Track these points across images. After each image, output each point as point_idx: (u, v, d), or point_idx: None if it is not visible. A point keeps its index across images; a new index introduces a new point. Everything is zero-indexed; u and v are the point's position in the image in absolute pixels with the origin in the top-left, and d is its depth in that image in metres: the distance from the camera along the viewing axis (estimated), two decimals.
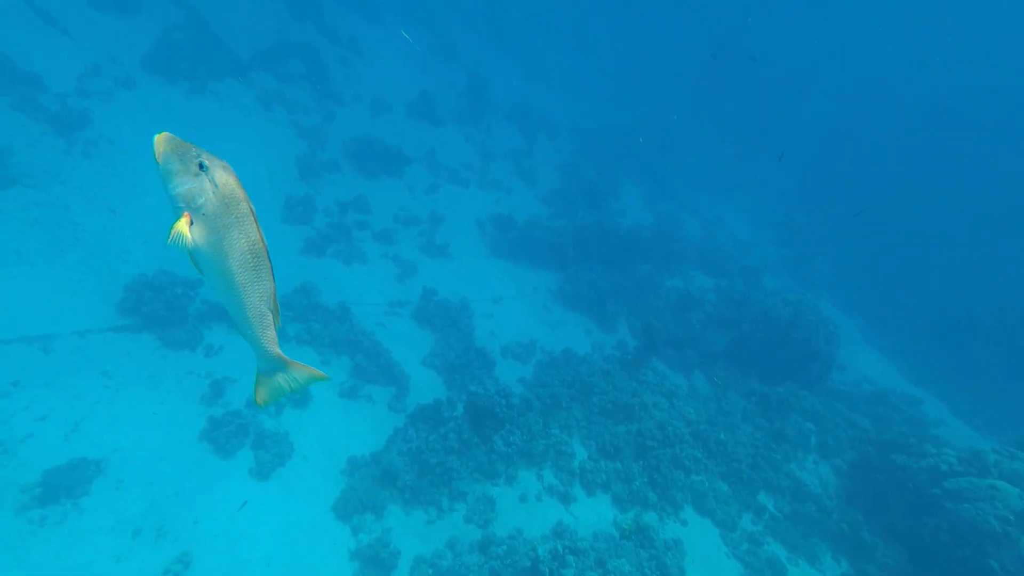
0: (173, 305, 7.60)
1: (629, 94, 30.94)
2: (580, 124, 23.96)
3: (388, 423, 8.05)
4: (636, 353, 10.28)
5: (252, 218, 2.09)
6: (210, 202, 2.00)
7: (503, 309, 12.43)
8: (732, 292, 13.15)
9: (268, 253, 2.13)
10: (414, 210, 13.84)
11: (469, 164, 17.50)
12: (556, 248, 14.52)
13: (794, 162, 32.32)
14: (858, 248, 22.96)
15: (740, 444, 7.81)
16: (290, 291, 9.56)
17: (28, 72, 9.00)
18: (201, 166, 1.98)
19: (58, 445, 5.57)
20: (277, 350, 2.38)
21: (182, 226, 1.99)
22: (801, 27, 47.52)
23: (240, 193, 2.06)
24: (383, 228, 12.48)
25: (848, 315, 18.13)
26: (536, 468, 7.31)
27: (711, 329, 12.09)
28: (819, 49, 45.34)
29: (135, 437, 6.03)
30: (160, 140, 1.94)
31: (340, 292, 10.33)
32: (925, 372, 15.07)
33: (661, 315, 12.61)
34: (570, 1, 38.58)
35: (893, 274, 20.94)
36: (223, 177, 2.02)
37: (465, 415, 7.42)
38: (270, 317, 2.26)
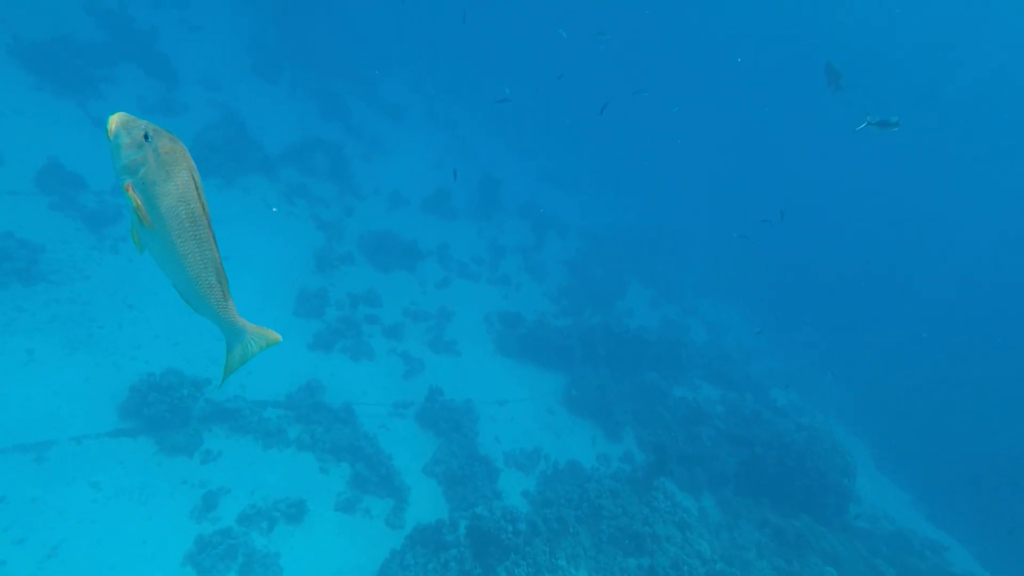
0: (177, 407, 7.46)
1: (636, 196, 32.47)
2: (588, 223, 24.92)
3: (384, 543, 7.58)
4: (646, 472, 9.89)
5: (194, 185, 2.02)
6: (151, 170, 1.96)
7: (508, 412, 12.18)
8: (742, 407, 12.92)
9: (210, 222, 2.07)
10: (424, 305, 14.01)
11: (480, 258, 17.96)
12: (563, 350, 14.50)
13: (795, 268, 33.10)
14: (871, 368, 22.82)
15: None
16: (295, 389, 9.44)
17: (72, 173, 9.54)
18: (146, 136, 1.95)
19: (31, 573, 5.20)
20: (237, 318, 2.29)
21: (135, 200, 1.93)
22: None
23: (183, 161, 2.01)
24: (393, 323, 12.56)
25: (858, 438, 17.68)
26: None
27: (721, 446, 11.73)
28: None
29: (114, 562, 5.65)
30: (114, 119, 1.93)
31: (346, 390, 10.18)
32: (945, 511, 14.37)
33: (670, 429, 12.29)
34: (580, 108, 41.60)
35: (910, 399, 20.57)
36: (166, 145, 1.98)
37: (468, 540, 7.00)
38: (220, 287, 2.18)
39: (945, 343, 26.25)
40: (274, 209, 11.34)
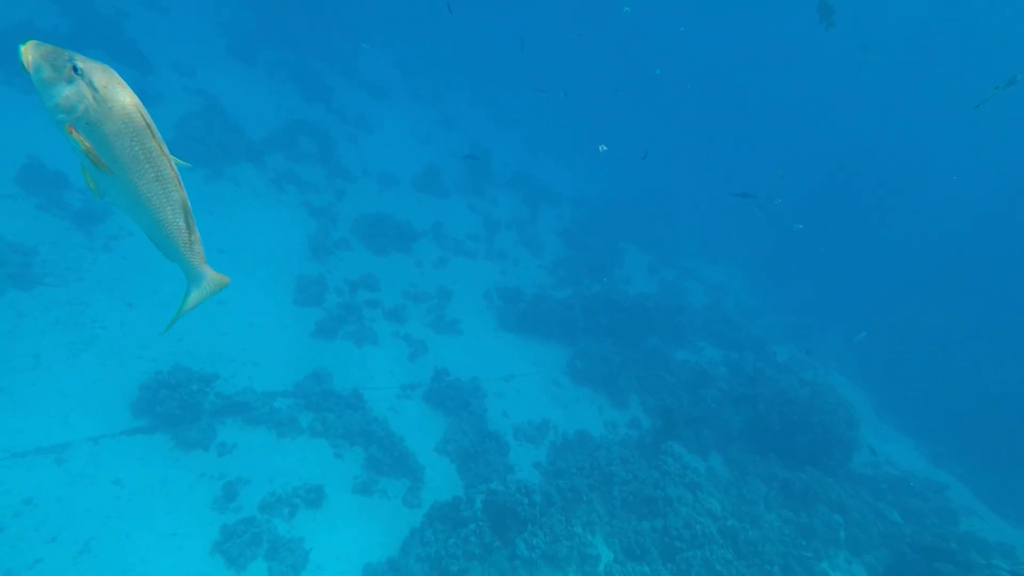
0: (188, 403, 7.48)
1: (627, 160, 32.10)
2: (581, 191, 24.74)
3: (404, 522, 7.77)
4: (654, 436, 10.10)
5: (144, 123, 1.85)
6: (92, 109, 1.78)
7: (514, 387, 12.32)
8: (744, 367, 13.13)
9: (170, 160, 1.91)
10: (423, 285, 13.98)
11: (475, 235, 17.86)
12: (565, 321, 14.58)
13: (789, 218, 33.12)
14: (869, 318, 23.10)
15: (769, 541, 7.53)
16: (303, 377, 9.48)
17: (54, 171, 9.30)
18: (75, 69, 1.76)
19: (66, 569, 5.31)
20: (204, 266, 2.21)
21: (80, 140, 1.77)
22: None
23: (125, 96, 1.83)
24: (393, 306, 12.55)
25: (859, 388, 18.04)
26: (561, 573, 7.00)
27: (726, 407, 11.96)
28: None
29: (145, 555, 5.77)
30: (27, 48, 1.72)
31: (353, 376, 10.24)
32: (945, 451, 14.81)
33: (675, 392, 12.50)
34: (567, 74, 40.75)
35: (907, 345, 20.90)
36: (102, 79, 1.79)
37: (485, 514, 7.17)
38: (189, 230, 2.07)
39: (940, 285, 26.61)
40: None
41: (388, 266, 14.06)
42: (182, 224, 2.04)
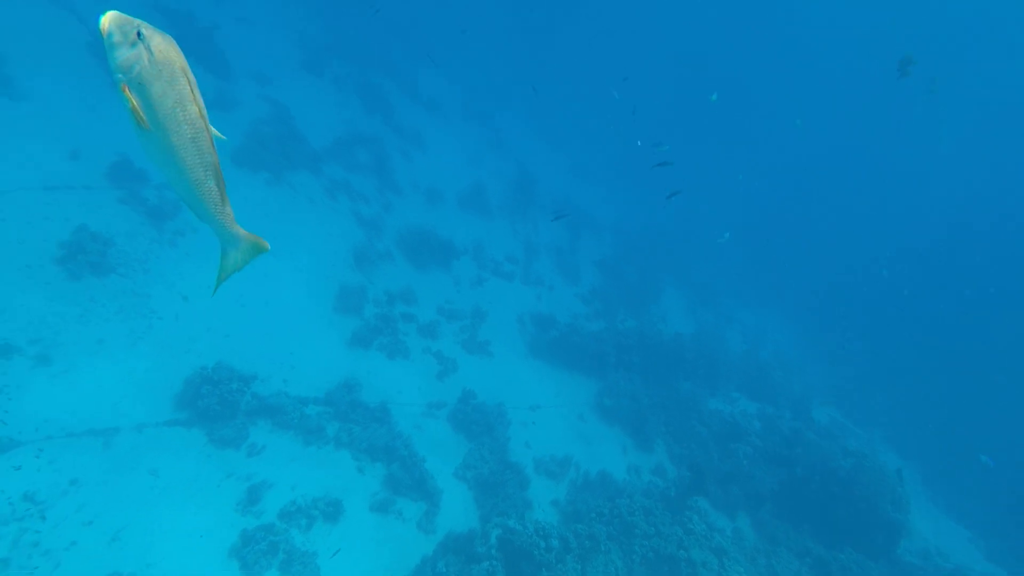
0: (226, 400, 7.78)
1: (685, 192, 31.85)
2: (622, 221, 24.60)
3: (416, 548, 7.78)
4: (680, 490, 9.79)
5: (189, 87, 1.99)
6: (145, 69, 1.92)
7: (539, 417, 12.23)
8: (780, 425, 12.60)
9: (208, 124, 2.04)
10: (458, 303, 14.14)
11: (514, 257, 17.98)
12: (596, 355, 14.42)
13: (842, 275, 31.89)
14: (921, 384, 21.76)
15: None
16: (334, 386, 9.71)
17: (138, 169, 9.98)
18: (139, 35, 1.91)
19: (99, 555, 5.56)
20: (236, 227, 2.27)
21: (130, 98, 1.91)
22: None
23: (178, 60, 1.98)
24: (428, 321, 12.73)
25: (908, 460, 16.96)
26: None
27: (758, 465, 11.48)
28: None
29: (167, 551, 5.97)
30: (106, 17, 1.89)
31: (382, 389, 10.41)
32: (1004, 547, 13.66)
33: (705, 444, 12.12)
34: (615, 102, 40.95)
35: (968, 421, 19.50)
36: (159, 44, 1.94)
37: (500, 553, 7.10)
38: (219, 192, 2.15)
39: (1001, 359, 24.84)
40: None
41: (427, 281, 14.31)
42: (213, 185, 2.15)
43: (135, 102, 1.94)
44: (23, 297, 7.19)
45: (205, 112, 2.07)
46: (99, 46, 11.93)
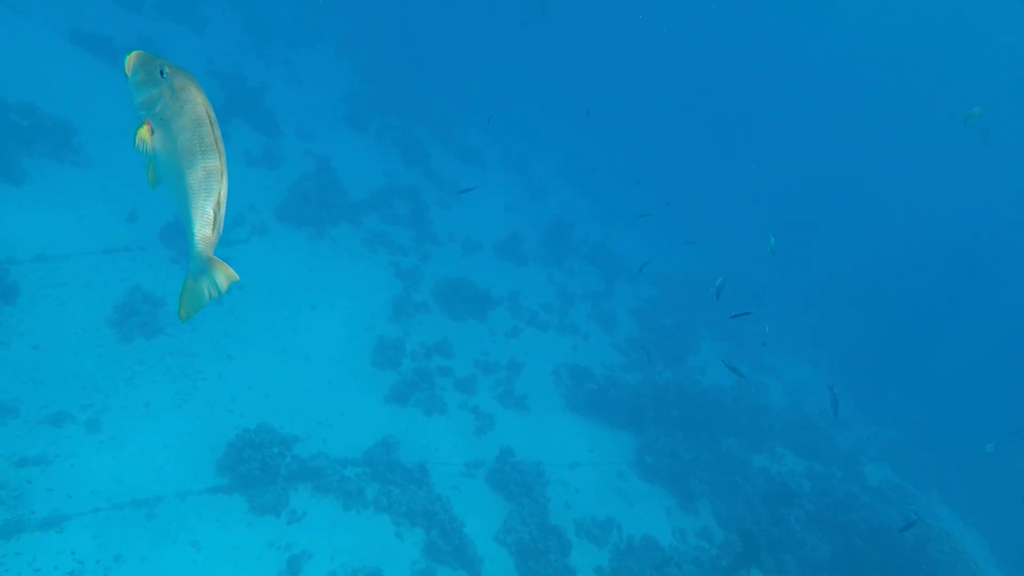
0: (267, 465, 7.73)
1: (708, 240, 31.47)
2: (658, 269, 24.28)
3: None
4: (731, 560, 9.16)
5: (208, 121, 2.04)
6: (167, 106, 1.99)
7: (578, 475, 11.79)
8: (832, 486, 11.82)
9: (224, 157, 2.06)
10: (495, 355, 14.01)
11: (549, 306, 17.85)
12: (634, 409, 13.96)
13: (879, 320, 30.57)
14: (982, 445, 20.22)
15: None
16: (372, 444, 9.58)
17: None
18: (162, 73, 1.99)
19: None
20: (210, 252, 2.23)
21: (143, 132, 1.99)
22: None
23: (198, 96, 2.04)
24: (464, 376, 12.60)
25: (969, 527, 15.63)
26: None
27: (811, 531, 10.71)
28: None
29: None
30: (130, 57, 1.98)
31: (419, 447, 10.24)
32: None
33: (752, 506, 11.42)
34: (651, 147, 41.36)
35: None
36: (181, 82, 2.01)
37: None
38: (212, 217, 2.15)
39: None
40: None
41: (463, 332, 14.27)
42: (210, 212, 2.17)
43: (154, 138, 2.04)
44: (77, 362, 7.41)
45: (222, 146, 2.14)
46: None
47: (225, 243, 11.43)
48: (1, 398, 6.35)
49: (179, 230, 10.34)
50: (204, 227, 2.19)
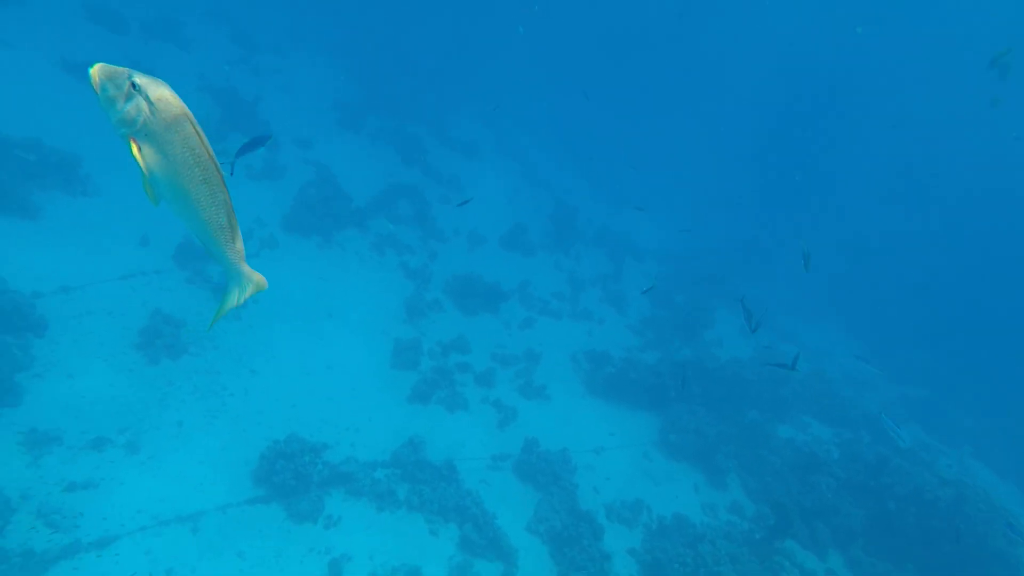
0: (300, 473, 7.89)
1: (713, 212, 31.18)
2: (665, 246, 24.20)
3: None
4: (765, 532, 9.22)
5: (194, 130, 2.01)
6: (149, 121, 1.95)
7: (604, 460, 11.89)
8: (861, 450, 11.80)
9: (216, 163, 2.03)
10: (511, 347, 14.08)
11: (560, 293, 17.87)
12: (654, 388, 13.99)
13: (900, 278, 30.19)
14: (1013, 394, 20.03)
15: None
16: (399, 445, 9.73)
17: (201, 247, 10.54)
18: (134, 86, 1.93)
19: None
20: (244, 264, 2.27)
21: (136, 152, 1.95)
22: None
23: (178, 106, 2.00)
24: (483, 370, 12.69)
25: (1004, 480, 15.56)
26: None
27: (843, 497, 10.73)
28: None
29: None
30: (95, 71, 1.92)
31: (445, 444, 10.37)
32: None
33: (782, 477, 11.45)
34: (646, 124, 40.88)
35: None
36: (158, 93, 1.96)
37: None
38: (232, 229, 2.15)
39: None
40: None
41: (477, 327, 14.34)
42: (225, 222, 2.17)
43: (144, 155, 2.00)
44: (110, 387, 7.58)
45: (212, 152, 2.12)
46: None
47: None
48: (44, 428, 6.53)
49: (191, 251, 10.47)
50: (229, 240, 2.24)
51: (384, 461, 9.28)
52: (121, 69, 1.96)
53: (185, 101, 2.06)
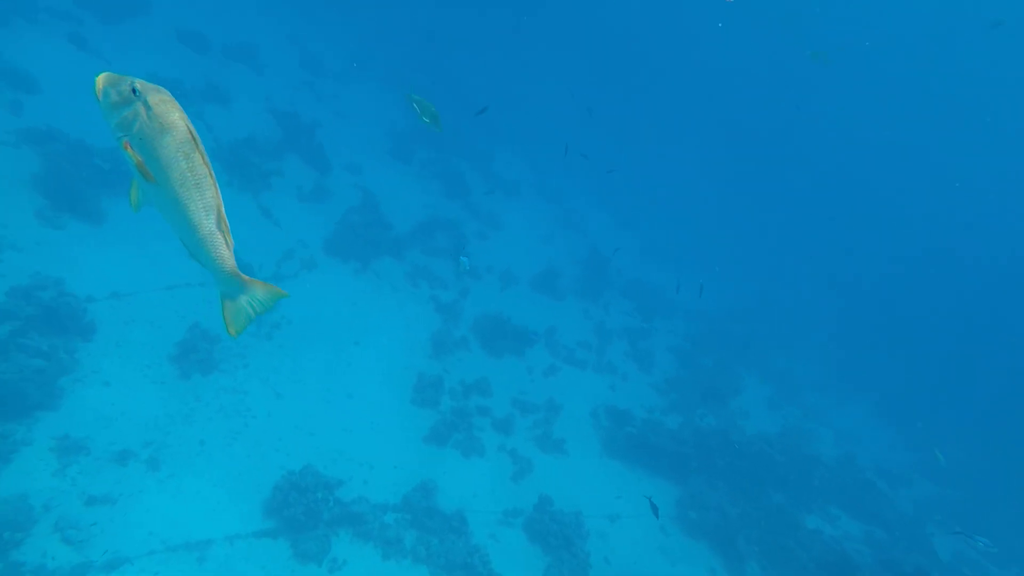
0: (311, 510, 7.75)
1: (746, 276, 30.72)
2: (697, 304, 23.76)
3: None
4: None
5: (190, 135, 1.98)
6: (145, 124, 1.94)
7: (618, 528, 11.40)
8: (896, 557, 11.02)
9: (211, 168, 2.00)
10: (532, 395, 13.85)
11: (586, 343, 17.62)
12: (675, 456, 13.49)
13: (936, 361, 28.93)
14: None
15: None
16: (411, 488, 9.51)
17: (246, 262, 10.79)
18: (134, 91, 1.94)
19: None
20: (235, 270, 2.19)
21: (131, 152, 1.92)
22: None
23: (175, 111, 1.99)
24: (503, 416, 12.47)
25: None
26: None
27: None
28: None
29: None
30: (100, 79, 1.92)
31: (457, 492, 10.11)
32: None
33: (808, 573, 10.74)
34: (686, 182, 41.02)
35: None
36: (155, 98, 1.96)
37: None
38: (221, 236, 2.10)
39: None
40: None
41: (501, 370, 14.18)
42: (214, 228, 2.12)
43: (139, 158, 1.99)
44: (141, 399, 7.67)
45: (207, 158, 2.07)
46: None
47: (276, 278, 11.77)
48: (75, 435, 6.61)
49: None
50: (220, 248, 2.20)
51: (395, 504, 9.07)
52: (124, 77, 2.00)
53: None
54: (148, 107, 1.98)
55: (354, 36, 29.80)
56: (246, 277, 2.32)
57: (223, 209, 2.15)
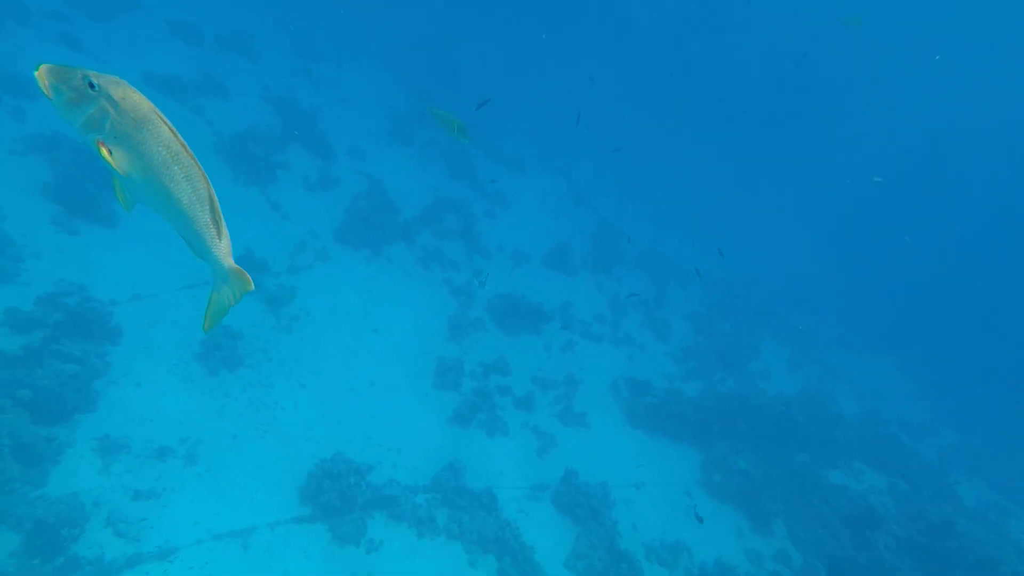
0: (345, 495, 7.96)
1: (762, 239, 30.32)
2: (710, 272, 23.56)
3: None
4: None
5: (165, 126, 1.89)
6: (117, 122, 1.83)
7: (644, 495, 11.59)
8: (922, 506, 11.09)
9: (195, 157, 1.90)
10: (551, 371, 13.94)
11: (601, 316, 17.62)
12: (697, 423, 13.58)
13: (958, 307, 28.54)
14: None
15: None
16: (440, 469, 9.71)
17: (259, 258, 10.86)
18: (92, 86, 1.80)
19: None
20: (231, 262, 2.17)
21: (108, 157, 1.79)
22: None
23: (143, 103, 1.89)
24: (523, 394, 12.59)
25: None
26: None
27: (903, 559, 10.10)
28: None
29: None
30: (42, 73, 1.72)
31: (485, 470, 10.30)
32: None
33: (832, 528, 10.88)
34: (696, 147, 40.21)
35: None
36: (119, 91, 1.85)
37: None
38: (216, 227, 2.06)
39: None
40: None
41: (518, 348, 14.26)
42: (209, 219, 2.09)
43: (116, 158, 1.89)
44: (173, 397, 7.85)
45: (187, 146, 2.00)
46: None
47: (292, 270, 11.85)
48: (115, 435, 6.80)
49: (250, 261, 10.79)
50: (215, 237, 2.16)
51: (425, 485, 9.27)
52: (73, 69, 1.82)
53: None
54: (114, 102, 1.86)
55: (346, 18, 29.18)
56: (238, 269, 2.30)
57: (216, 199, 2.10)
